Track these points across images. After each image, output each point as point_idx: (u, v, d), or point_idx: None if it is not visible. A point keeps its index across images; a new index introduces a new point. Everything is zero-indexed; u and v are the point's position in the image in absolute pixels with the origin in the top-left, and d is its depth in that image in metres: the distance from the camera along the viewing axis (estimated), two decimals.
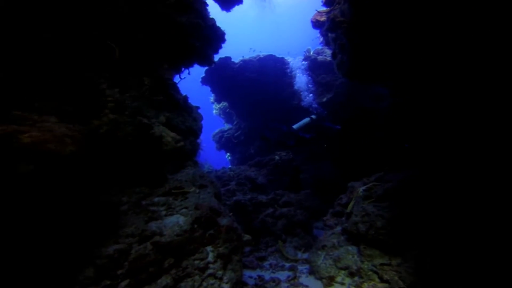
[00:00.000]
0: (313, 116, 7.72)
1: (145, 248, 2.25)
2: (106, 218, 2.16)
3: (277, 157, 9.61)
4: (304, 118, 7.99)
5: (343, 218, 4.82)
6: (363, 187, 4.17)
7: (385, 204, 3.57)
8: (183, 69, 6.16)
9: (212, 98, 12.51)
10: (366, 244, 3.67)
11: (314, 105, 9.13)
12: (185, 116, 4.51)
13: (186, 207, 2.93)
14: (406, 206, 3.31)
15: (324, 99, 9.48)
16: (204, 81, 10.81)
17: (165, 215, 2.72)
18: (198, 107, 5.83)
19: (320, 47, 11.84)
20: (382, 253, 3.39)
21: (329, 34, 5.15)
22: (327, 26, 4.68)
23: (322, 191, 9.20)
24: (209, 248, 2.91)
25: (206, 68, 10.62)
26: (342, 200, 5.17)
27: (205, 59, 6.60)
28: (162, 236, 2.42)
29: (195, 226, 2.82)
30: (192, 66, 6.54)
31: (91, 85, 2.37)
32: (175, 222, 2.65)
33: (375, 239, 3.44)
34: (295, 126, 7.52)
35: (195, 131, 4.59)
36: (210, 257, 2.87)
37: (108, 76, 2.69)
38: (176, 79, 6.19)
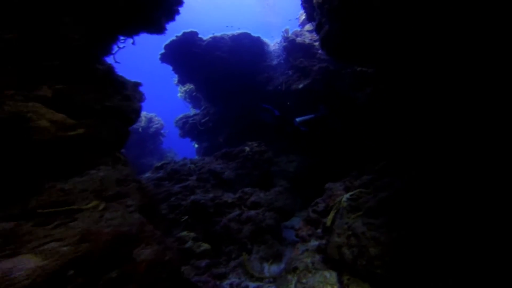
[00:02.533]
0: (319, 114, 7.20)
1: None
2: None
3: (247, 148, 8.48)
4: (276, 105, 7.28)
5: (319, 230, 3.85)
6: (347, 195, 3.18)
7: (380, 221, 2.59)
8: (120, 36, 4.68)
9: (175, 79, 10.91)
10: (351, 274, 2.69)
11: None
12: (108, 93, 3.16)
13: (59, 239, 1.69)
14: (412, 225, 2.35)
15: (301, 86, 8.45)
16: (164, 58, 9.20)
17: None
18: (138, 84, 4.44)
19: (298, 29, 10.75)
20: None
21: None
22: None
23: (296, 187, 8.52)
24: None
25: (167, 43, 9.01)
26: (319, 206, 4.17)
27: (153, 25, 5.11)
28: None
29: (70, 272, 1.60)
30: (136, 34, 5.06)
31: None
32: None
33: (366, 272, 2.46)
34: (298, 119, 7.06)
35: (123, 114, 3.27)
36: None
37: None
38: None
